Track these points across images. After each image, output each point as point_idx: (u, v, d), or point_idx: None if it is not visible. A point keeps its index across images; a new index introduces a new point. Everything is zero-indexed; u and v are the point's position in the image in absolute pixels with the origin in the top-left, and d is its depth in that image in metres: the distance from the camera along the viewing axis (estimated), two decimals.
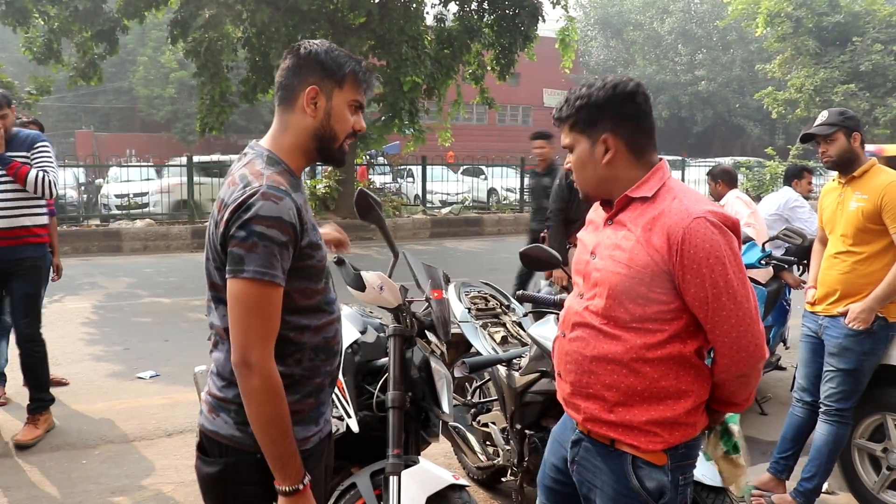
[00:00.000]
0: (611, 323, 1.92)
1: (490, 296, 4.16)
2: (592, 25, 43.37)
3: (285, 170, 1.84)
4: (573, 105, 1.97)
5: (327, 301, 1.93)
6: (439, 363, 2.89)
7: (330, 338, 1.94)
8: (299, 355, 1.86)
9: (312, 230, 1.84)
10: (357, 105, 1.91)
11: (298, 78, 1.86)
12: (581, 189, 2.07)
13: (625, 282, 1.87)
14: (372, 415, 2.96)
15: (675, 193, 1.90)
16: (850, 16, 24.10)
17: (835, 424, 3.65)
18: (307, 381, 1.89)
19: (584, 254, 2.07)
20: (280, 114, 1.90)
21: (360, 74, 1.90)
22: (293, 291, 1.80)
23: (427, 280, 2.93)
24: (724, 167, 6.03)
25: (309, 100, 1.84)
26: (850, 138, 3.61)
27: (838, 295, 3.65)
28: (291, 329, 1.82)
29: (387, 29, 13.45)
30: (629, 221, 1.92)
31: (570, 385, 2.05)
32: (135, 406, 5.33)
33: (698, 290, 1.81)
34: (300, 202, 1.79)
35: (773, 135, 36.03)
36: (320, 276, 1.88)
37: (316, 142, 1.88)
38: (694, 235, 1.79)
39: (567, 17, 15.92)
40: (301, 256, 1.79)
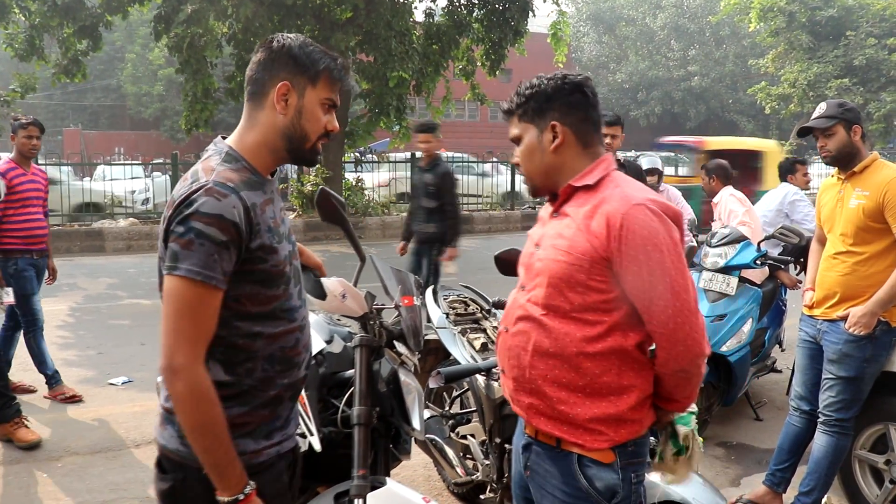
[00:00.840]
0: (551, 314, 1.90)
1: (470, 300, 3.94)
2: (584, 21, 43.16)
3: (244, 167, 1.75)
4: (523, 95, 1.98)
5: (286, 308, 1.80)
6: (410, 375, 2.69)
7: (288, 348, 1.82)
8: (250, 364, 1.74)
9: (268, 233, 1.72)
10: (330, 104, 1.82)
11: (269, 73, 1.76)
12: (528, 180, 2.06)
13: (564, 269, 1.86)
14: (337, 431, 2.76)
15: (618, 182, 1.91)
16: (843, 10, 23.98)
17: (835, 435, 3.45)
18: (258, 392, 1.77)
19: (529, 247, 2.07)
20: (248, 110, 1.80)
21: (335, 72, 1.80)
22: (242, 296, 1.70)
23: (396, 286, 2.74)
24: (720, 162, 5.82)
25: (280, 96, 1.75)
26: (850, 131, 3.41)
27: (838, 298, 3.45)
28: (242, 336, 1.72)
29: (374, 24, 13.21)
30: (572, 210, 1.92)
31: (513, 381, 2.02)
32: (104, 414, 5.11)
33: (635, 277, 1.79)
34: (255, 201, 1.69)
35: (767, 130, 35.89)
36: (276, 281, 1.76)
37: (285, 141, 1.78)
38: (633, 221, 1.78)
39: (559, 11, 15.72)
40: (251, 260, 1.68)
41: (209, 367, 1.66)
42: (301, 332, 1.86)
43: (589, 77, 2.01)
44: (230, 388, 1.71)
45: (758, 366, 5.19)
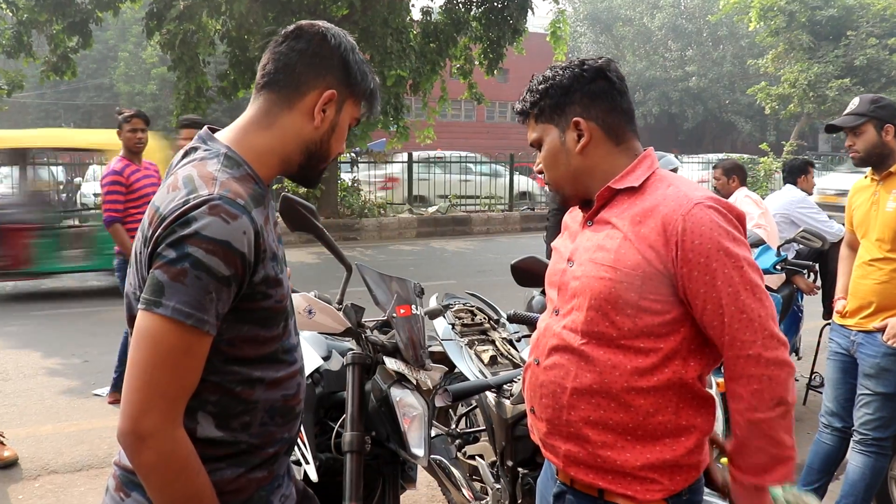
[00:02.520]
0: (593, 342, 1.59)
1: (477, 309, 3.68)
2: (581, 21, 42.98)
3: (248, 175, 1.40)
4: (536, 91, 1.70)
5: (286, 348, 1.48)
6: (411, 395, 2.44)
7: (290, 395, 1.49)
8: (248, 418, 1.41)
9: (272, 260, 1.39)
10: (355, 125, 1.56)
11: (315, 71, 1.44)
12: (556, 189, 1.75)
13: (610, 288, 1.55)
14: (335, 457, 2.52)
15: (670, 182, 1.61)
16: (843, 10, 23.81)
17: (872, 455, 3.20)
18: (257, 451, 1.44)
19: (559, 263, 1.76)
20: (268, 105, 1.45)
21: (375, 93, 1.55)
22: (238, 340, 1.37)
23: (390, 295, 2.48)
24: (736, 161, 5.56)
25: (323, 104, 1.45)
26: (882, 131, 3.15)
27: (874, 307, 3.20)
28: (239, 382, 1.39)
29: (370, 21, 12.96)
30: (614, 217, 1.62)
31: (546, 423, 1.69)
32: (87, 428, 4.83)
33: (710, 289, 1.50)
34: (261, 222, 1.36)
35: (765, 131, 35.77)
36: (277, 319, 1.43)
37: (305, 156, 1.48)
38: (696, 223, 1.50)
39: (558, 9, 15.49)
40: (252, 296, 1.35)
41: (199, 421, 1.35)
42: (301, 375, 1.54)
43: (612, 60, 1.72)
44: (223, 446, 1.39)
45: None
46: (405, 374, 2.47)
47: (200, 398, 1.34)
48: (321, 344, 2.69)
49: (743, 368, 1.51)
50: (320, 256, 11.49)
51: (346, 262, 2.59)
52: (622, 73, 1.72)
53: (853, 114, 3.22)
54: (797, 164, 5.83)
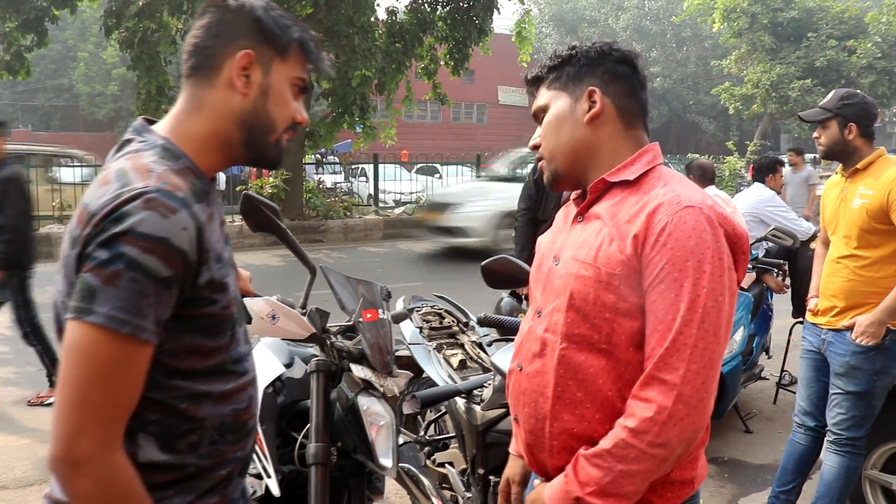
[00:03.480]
0: (574, 347, 1.46)
1: (445, 311, 3.58)
2: (547, 22, 43.06)
3: (188, 168, 1.29)
4: (559, 56, 1.59)
5: (235, 358, 1.34)
6: (378, 403, 2.34)
7: (242, 409, 1.36)
8: (196, 437, 1.28)
9: (217, 262, 1.26)
10: (301, 86, 1.40)
11: (224, 39, 1.31)
12: (549, 162, 1.60)
13: (589, 287, 1.44)
14: (298, 469, 2.40)
15: (667, 180, 1.49)
16: (804, 12, 24.14)
17: (847, 455, 3.16)
18: (208, 473, 1.31)
19: (545, 260, 1.63)
20: (191, 89, 1.34)
21: (309, 45, 1.39)
22: (181, 351, 1.24)
23: (356, 299, 2.37)
24: (701, 161, 5.55)
25: (240, 69, 1.31)
26: (845, 129, 3.12)
27: (843, 305, 3.16)
28: (183, 398, 1.25)
29: (335, 20, 12.82)
30: (603, 211, 1.50)
31: (529, 434, 1.57)
32: (40, 441, 4.62)
33: (671, 303, 1.35)
34: (204, 218, 1.23)
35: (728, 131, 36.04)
36: (224, 327, 1.30)
37: (244, 131, 1.33)
38: (681, 227, 1.37)
39: (524, 10, 15.48)
40: (195, 301, 1.22)
41: (140, 443, 1.22)
42: (253, 387, 1.40)
43: (638, 55, 1.63)
44: (169, 471, 1.25)
45: (746, 374, 4.92)
46: (372, 382, 2.36)
47: (141, 418, 1.21)
48: (283, 350, 2.57)
49: (656, 393, 1.34)
50: (285, 259, 11.31)
51: (311, 264, 2.47)
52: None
53: (821, 108, 3.20)
54: (766, 162, 5.83)
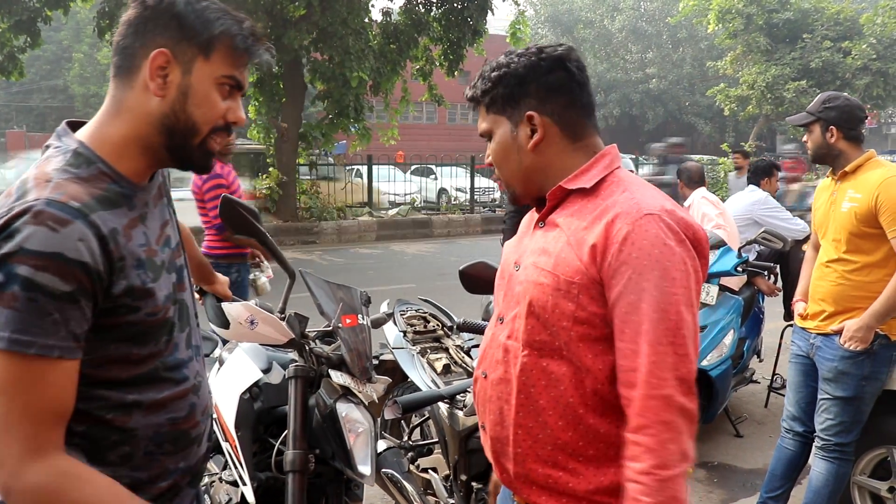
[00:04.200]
0: (535, 354, 1.45)
1: (430, 315, 3.55)
2: (543, 23, 43.05)
3: (102, 173, 1.23)
4: (489, 79, 1.53)
5: (171, 366, 1.31)
6: (357, 410, 2.31)
7: (180, 418, 1.32)
8: (128, 448, 1.25)
9: (137, 268, 1.22)
10: (233, 84, 1.31)
11: (142, 37, 1.25)
12: (507, 186, 1.60)
13: (547, 295, 1.42)
14: (275, 476, 2.37)
15: (626, 186, 1.45)
16: (799, 13, 24.10)
17: (835, 462, 3.13)
18: (145, 486, 1.27)
19: (507, 266, 1.61)
20: (113, 89, 1.29)
21: (238, 39, 1.28)
22: (106, 361, 1.21)
23: (335, 304, 2.34)
24: (689, 164, 5.52)
25: (155, 69, 1.24)
26: (827, 132, 3.09)
27: (832, 309, 3.12)
28: (110, 408, 1.22)
29: (329, 21, 12.77)
30: (561, 219, 1.49)
31: (495, 441, 1.56)
32: None
33: (633, 310, 1.34)
34: (115, 225, 1.20)
35: (724, 132, 36.07)
36: (155, 334, 1.27)
37: (164, 135, 1.27)
38: (641, 236, 1.34)
39: (518, 10, 15.47)
40: (114, 310, 1.19)
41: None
42: (196, 394, 1.36)
43: (573, 48, 1.55)
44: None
45: (737, 378, 4.89)
46: (351, 388, 2.33)
47: (68, 430, 1.17)
48: (261, 355, 2.54)
49: (655, 413, 1.31)
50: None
51: (289, 268, 2.44)
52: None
53: (806, 112, 3.18)
54: (762, 165, 5.76)
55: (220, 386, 2.46)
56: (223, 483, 2.42)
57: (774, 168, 5.79)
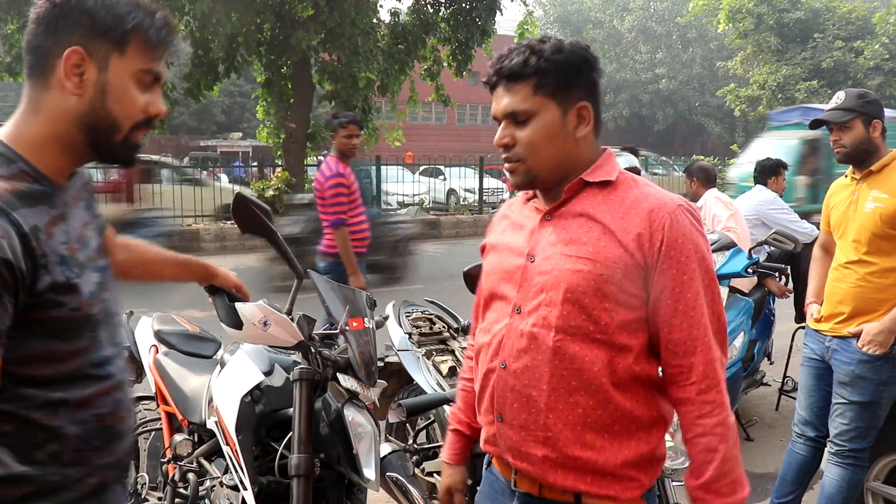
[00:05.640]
0: (569, 338, 1.51)
1: (436, 317, 3.51)
2: (552, 24, 43.03)
3: (22, 171, 1.24)
4: (549, 59, 1.50)
5: (96, 362, 1.32)
6: (361, 414, 2.28)
7: (106, 414, 1.33)
8: (56, 446, 1.26)
9: (61, 265, 1.24)
10: (151, 77, 1.33)
11: (54, 36, 1.26)
12: (528, 171, 1.57)
13: (588, 281, 1.49)
14: (277, 481, 2.33)
15: (644, 182, 1.61)
16: (810, 12, 24.01)
17: (849, 468, 3.06)
18: (73, 484, 1.29)
19: (511, 259, 1.63)
20: (28, 90, 1.30)
21: (151, 31, 1.30)
22: (30, 358, 1.22)
23: (342, 307, 2.30)
24: (702, 164, 5.46)
25: (70, 68, 1.25)
26: (870, 127, 3.02)
27: (849, 312, 3.05)
28: (35, 408, 1.23)
29: (337, 22, 12.77)
30: (591, 209, 1.55)
31: (519, 430, 1.57)
32: None
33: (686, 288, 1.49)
34: (36, 223, 1.21)
35: (734, 133, 35.96)
36: (79, 330, 1.28)
37: (85, 132, 1.29)
38: (680, 223, 1.50)
39: (527, 11, 15.45)
40: (37, 305, 1.20)
41: None
42: (120, 390, 1.38)
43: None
44: (30, 483, 1.22)
45: (747, 380, 4.83)
46: (356, 392, 2.29)
47: None
48: (263, 358, 2.50)
49: (717, 373, 1.52)
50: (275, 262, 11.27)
51: (298, 269, 2.39)
52: None
53: (841, 109, 3.08)
54: (769, 164, 5.68)
55: (221, 388, 2.43)
56: (224, 487, 2.39)
57: (781, 167, 5.70)
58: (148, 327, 3.17)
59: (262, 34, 13.63)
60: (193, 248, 12.91)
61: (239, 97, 31.22)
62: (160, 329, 3.12)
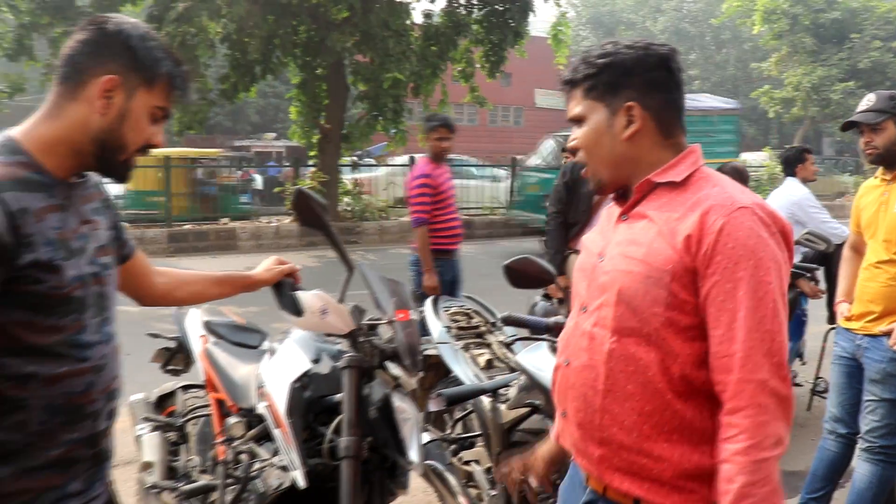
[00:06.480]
0: (624, 340, 1.50)
1: (473, 311, 3.61)
2: (584, 25, 42.96)
3: (23, 163, 1.41)
4: (594, 63, 1.56)
5: (75, 343, 1.47)
6: (405, 400, 2.38)
7: (77, 394, 1.47)
8: (22, 416, 1.41)
9: (47, 246, 1.39)
10: (163, 114, 1.55)
11: (95, 59, 1.45)
12: (592, 173, 1.63)
13: (638, 282, 1.48)
14: (325, 463, 2.44)
15: (716, 181, 1.52)
16: (847, 12, 23.75)
17: (880, 464, 3.11)
18: (35, 451, 1.43)
19: (589, 257, 1.67)
20: (56, 96, 1.47)
21: (177, 80, 1.54)
22: (10, 324, 1.38)
23: (390, 298, 2.41)
24: (735, 165, 5.47)
25: (103, 91, 1.44)
26: None
27: (880, 311, 3.11)
28: (7, 379, 1.39)
29: (370, 24, 12.92)
30: (651, 211, 1.54)
31: (578, 428, 1.61)
32: None
33: (728, 297, 1.40)
34: (27, 205, 1.37)
35: (768, 134, 35.66)
36: (58, 309, 1.43)
37: (96, 146, 1.48)
38: (736, 227, 1.41)
39: (560, 12, 15.47)
40: (19, 279, 1.36)
41: None
42: (96, 374, 1.51)
43: (676, 50, 1.61)
44: None
45: None
46: (401, 379, 2.41)
47: None
48: (310, 346, 2.61)
49: (751, 396, 1.38)
50: (320, 260, 11.44)
51: (350, 262, 2.51)
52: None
53: (872, 110, 3.13)
54: (792, 153, 5.56)
55: (272, 374, 2.55)
56: (274, 468, 2.50)
57: (805, 152, 5.56)
58: (197, 319, 3.30)
59: (297, 36, 13.82)
60: (230, 246, 13.16)
61: (273, 98, 31.58)
62: (209, 320, 3.25)
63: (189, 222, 13.91)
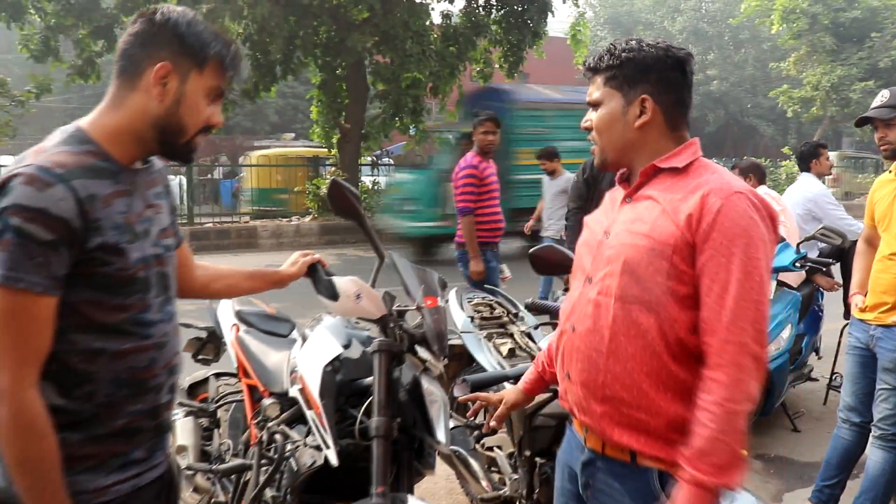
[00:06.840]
0: (627, 306, 1.67)
1: (496, 302, 3.72)
2: (602, 25, 42.77)
3: (91, 151, 1.50)
4: (618, 56, 1.74)
5: (139, 322, 1.56)
6: (434, 383, 2.48)
7: (140, 369, 1.57)
8: (90, 387, 1.50)
9: (114, 230, 1.48)
10: (218, 93, 1.61)
11: (148, 49, 1.52)
12: (600, 153, 1.83)
13: (642, 254, 1.65)
14: (356, 443, 2.55)
15: (714, 169, 1.72)
16: (867, 11, 23.56)
17: (892, 451, 3.19)
18: (102, 420, 1.53)
19: (594, 235, 1.85)
20: (116, 88, 1.56)
21: (227, 59, 1.59)
22: (81, 303, 1.46)
23: (419, 286, 2.51)
24: (754, 161, 5.54)
25: (158, 79, 1.52)
26: None
27: (893, 302, 3.19)
28: (78, 353, 1.48)
29: (390, 25, 13.05)
30: (655, 192, 1.72)
31: (581, 386, 1.76)
32: None
33: (722, 269, 1.57)
34: (95, 192, 1.45)
35: (786, 134, 35.44)
36: (124, 289, 1.52)
37: (157, 132, 1.55)
38: (732, 209, 1.59)
39: (578, 13, 15.51)
40: (88, 261, 1.44)
41: (42, 388, 1.43)
42: (158, 350, 1.60)
43: (692, 54, 1.78)
44: (67, 414, 1.47)
45: (795, 374, 4.93)
46: (429, 363, 2.50)
47: (44, 366, 1.43)
48: (341, 332, 2.72)
49: (732, 356, 1.54)
50: (339, 257, 11.58)
51: (381, 250, 2.62)
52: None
53: (886, 106, 3.21)
54: (807, 149, 5.58)
55: (305, 359, 2.66)
56: (307, 447, 2.61)
57: (820, 147, 5.59)
58: (229, 308, 3.42)
59: (318, 37, 13.98)
60: (251, 244, 13.33)
61: (292, 99, 31.78)
62: (240, 310, 3.36)
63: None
